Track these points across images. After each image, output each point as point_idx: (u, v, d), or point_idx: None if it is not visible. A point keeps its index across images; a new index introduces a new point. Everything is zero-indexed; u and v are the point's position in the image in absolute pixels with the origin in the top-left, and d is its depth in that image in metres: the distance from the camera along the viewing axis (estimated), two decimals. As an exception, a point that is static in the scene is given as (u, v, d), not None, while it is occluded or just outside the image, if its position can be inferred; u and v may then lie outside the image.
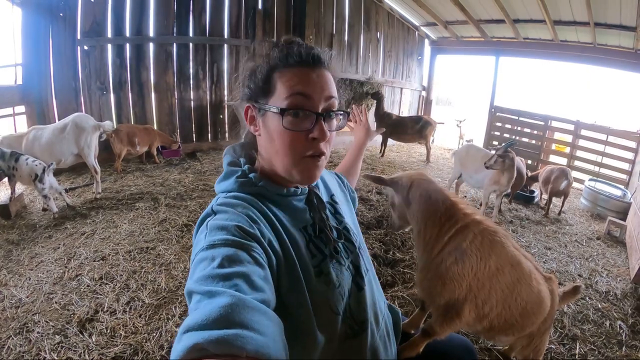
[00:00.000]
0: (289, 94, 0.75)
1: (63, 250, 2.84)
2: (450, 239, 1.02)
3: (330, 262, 0.84)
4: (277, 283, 0.71)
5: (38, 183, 3.32)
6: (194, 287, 0.56)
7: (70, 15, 4.84)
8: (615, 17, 4.97)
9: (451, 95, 27.04)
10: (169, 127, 5.97)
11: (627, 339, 2.22)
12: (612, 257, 3.44)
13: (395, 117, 6.90)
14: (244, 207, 0.76)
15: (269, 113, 0.78)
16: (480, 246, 1.01)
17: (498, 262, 1.03)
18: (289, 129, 0.75)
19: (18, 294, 2.32)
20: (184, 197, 4.03)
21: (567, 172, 4.44)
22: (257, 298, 0.54)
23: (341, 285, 0.84)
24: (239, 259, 0.61)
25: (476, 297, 1.02)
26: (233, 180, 0.83)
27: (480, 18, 6.80)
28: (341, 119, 0.85)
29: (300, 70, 0.77)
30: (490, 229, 1.06)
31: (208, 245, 0.64)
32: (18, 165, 3.37)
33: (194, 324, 0.47)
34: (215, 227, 0.69)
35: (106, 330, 2.00)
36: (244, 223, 0.70)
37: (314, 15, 6.93)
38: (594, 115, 8.61)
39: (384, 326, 1.00)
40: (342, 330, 0.84)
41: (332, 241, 0.87)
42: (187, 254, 2.83)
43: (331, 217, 0.96)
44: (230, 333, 0.45)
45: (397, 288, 2.53)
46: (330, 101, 0.79)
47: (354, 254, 0.94)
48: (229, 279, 0.56)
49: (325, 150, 0.80)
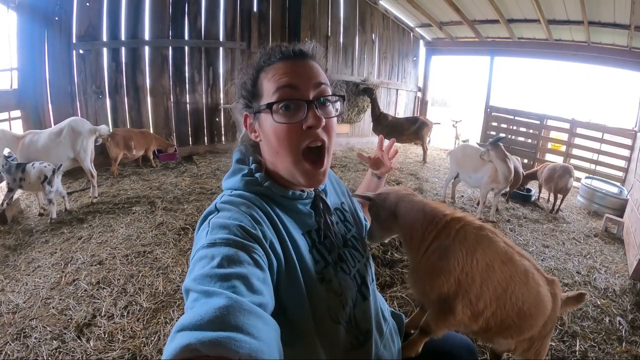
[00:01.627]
0: (275, 89, 0.75)
1: (60, 255, 2.82)
2: (434, 238, 1.03)
3: (334, 270, 0.83)
4: (277, 286, 0.70)
5: (47, 185, 3.30)
6: (191, 285, 0.56)
7: (65, 19, 4.83)
8: (608, 15, 5.02)
9: (447, 96, 27.16)
10: (165, 131, 5.96)
11: (626, 335, 2.22)
12: (610, 253, 3.45)
13: (391, 118, 6.91)
14: (247, 206, 0.75)
15: (261, 114, 0.78)
16: (464, 240, 1.01)
17: (486, 257, 1.03)
18: (281, 123, 0.75)
19: (15, 299, 2.29)
20: (180, 200, 4.01)
21: (570, 169, 4.48)
22: (254, 301, 0.54)
23: (343, 293, 0.83)
24: (239, 260, 0.60)
25: (467, 292, 1.02)
26: (239, 178, 0.82)
27: (474, 18, 6.84)
28: (338, 105, 0.83)
29: (284, 64, 0.77)
30: (474, 224, 1.06)
31: (209, 244, 0.63)
32: (25, 174, 3.31)
33: (188, 324, 0.46)
34: (217, 225, 0.68)
35: (104, 335, 1.99)
36: (247, 223, 0.69)
37: (309, 18, 6.95)
38: (590, 114, 8.64)
39: (389, 334, 0.99)
40: (347, 341, 0.83)
41: (336, 248, 0.85)
42: (184, 257, 2.81)
43: (340, 224, 0.95)
44: (224, 335, 0.44)
45: (396, 288, 2.53)
46: (320, 88, 0.77)
47: (361, 263, 0.93)
48: (227, 280, 0.55)
49: (325, 138, 0.78)
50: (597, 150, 6.19)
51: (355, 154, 6.97)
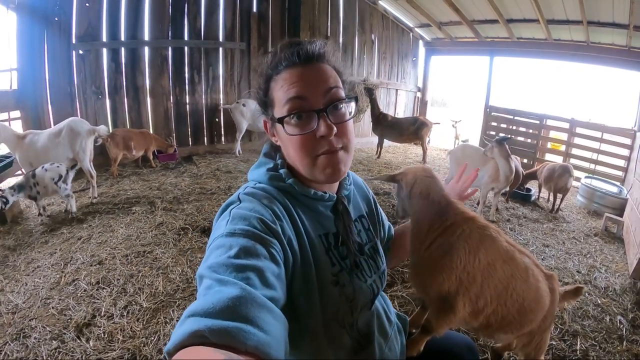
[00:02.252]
0: (285, 101, 0.75)
1: (59, 255, 2.82)
2: (439, 235, 1.02)
3: (349, 275, 0.83)
4: (290, 282, 0.71)
5: (62, 184, 3.30)
6: (206, 272, 0.56)
7: (65, 20, 4.82)
8: (607, 15, 5.02)
9: (446, 96, 27.14)
10: (165, 131, 5.94)
11: (627, 334, 2.22)
12: (610, 253, 3.45)
13: (391, 119, 6.90)
14: (270, 200, 0.75)
15: (276, 124, 0.78)
16: (468, 239, 1.01)
17: (489, 256, 1.03)
18: (294, 135, 0.75)
19: (15, 299, 2.29)
20: (180, 200, 4.01)
21: (569, 168, 4.48)
22: (266, 295, 0.54)
23: (356, 299, 0.83)
24: (256, 253, 0.61)
25: (468, 290, 1.02)
26: (264, 171, 0.82)
27: (473, 18, 6.84)
28: (352, 107, 0.82)
29: (290, 73, 0.75)
30: (480, 223, 1.06)
31: (228, 233, 0.64)
32: (37, 179, 3.27)
33: (200, 310, 0.47)
34: (238, 215, 0.68)
35: (104, 335, 1.98)
36: (267, 217, 0.69)
37: (308, 18, 6.94)
38: (589, 113, 8.65)
39: (393, 335, 0.99)
40: (350, 345, 0.83)
41: (352, 254, 0.85)
42: (184, 257, 2.81)
43: (363, 232, 0.95)
44: (233, 326, 0.44)
45: (397, 287, 2.53)
46: (331, 93, 0.76)
47: (377, 274, 0.93)
48: (243, 271, 0.56)
49: (339, 144, 0.77)
50: (597, 150, 6.19)
51: (355, 155, 6.98)
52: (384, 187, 4.76)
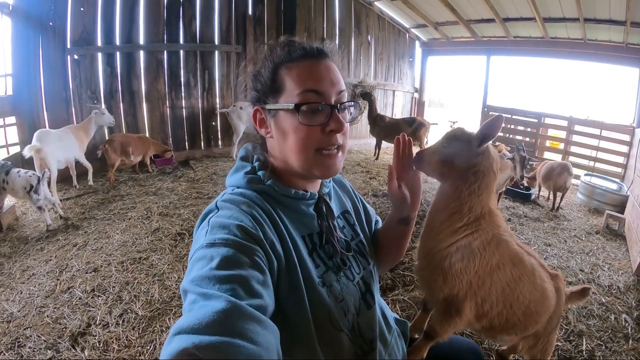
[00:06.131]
0: (301, 90, 0.73)
1: (55, 262, 2.77)
2: (464, 237, 0.99)
3: (335, 275, 0.81)
4: (277, 287, 0.69)
5: (33, 194, 3.24)
6: (189, 286, 0.55)
7: (59, 25, 4.79)
8: (604, 12, 5.02)
9: (443, 96, 27.24)
10: (161, 136, 5.92)
11: (633, 332, 2.19)
12: (613, 250, 3.43)
13: (388, 120, 6.88)
14: (249, 205, 0.73)
15: (281, 112, 0.76)
16: (487, 246, 0.98)
17: (500, 260, 1.01)
18: (305, 125, 0.73)
19: (9, 308, 2.24)
20: (177, 205, 3.97)
21: (568, 166, 4.46)
22: (253, 304, 0.52)
23: (345, 300, 0.81)
24: (239, 262, 0.59)
25: (476, 294, 1.00)
26: (242, 175, 0.81)
27: (470, 18, 6.85)
28: (352, 110, 0.83)
29: (308, 64, 0.75)
30: (499, 225, 1.03)
31: (208, 244, 0.62)
32: (9, 178, 3.27)
33: (186, 326, 0.45)
34: (217, 224, 0.66)
35: (99, 344, 1.94)
36: (247, 223, 0.67)
37: (304, 20, 6.94)
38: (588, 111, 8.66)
39: (394, 341, 0.96)
40: (352, 351, 0.81)
41: (338, 253, 0.83)
42: (180, 263, 2.77)
43: (348, 227, 0.94)
44: (221, 340, 0.43)
45: (398, 291, 2.49)
46: (340, 94, 0.77)
47: (366, 270, 0.90)
48: (226, 282, 0.54)
49: (342, 142, 0.78)
50: (596, 147, 6.19)
51: (352, 156, 6.96)
52: (383, 189, 4.74)
